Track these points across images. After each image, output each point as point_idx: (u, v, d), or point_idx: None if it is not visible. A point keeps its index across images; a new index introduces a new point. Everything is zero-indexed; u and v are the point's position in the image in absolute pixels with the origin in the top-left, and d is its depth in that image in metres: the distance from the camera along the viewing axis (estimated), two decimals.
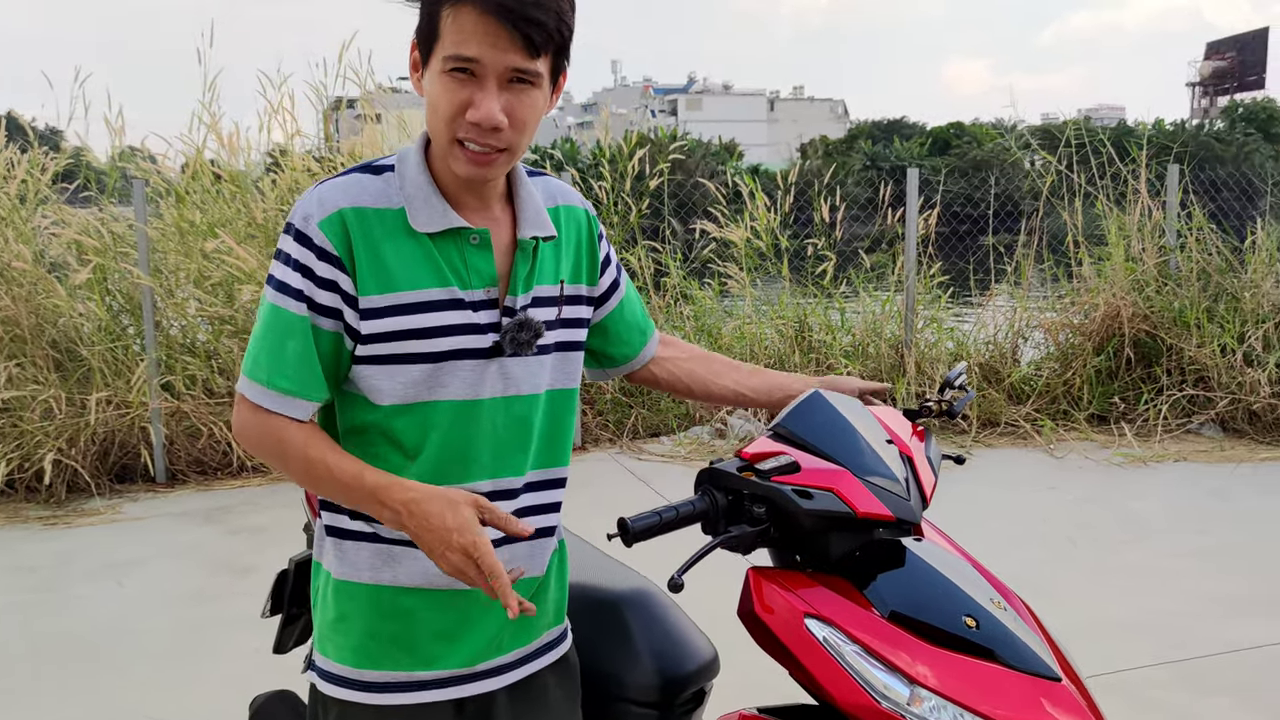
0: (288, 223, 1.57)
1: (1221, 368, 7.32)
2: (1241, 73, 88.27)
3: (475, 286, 1.59)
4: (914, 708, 1.51)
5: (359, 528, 1.65)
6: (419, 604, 1.64)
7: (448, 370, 1.58)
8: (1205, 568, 4.91)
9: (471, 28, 1.45)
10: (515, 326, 1.61)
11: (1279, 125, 73.36)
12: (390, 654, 1.64)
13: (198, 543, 5.57)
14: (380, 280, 1.55)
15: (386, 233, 1.56)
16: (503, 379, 1.62)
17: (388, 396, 1.58)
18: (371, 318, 1.55)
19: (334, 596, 1.67)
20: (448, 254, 1.58)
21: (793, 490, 1.61)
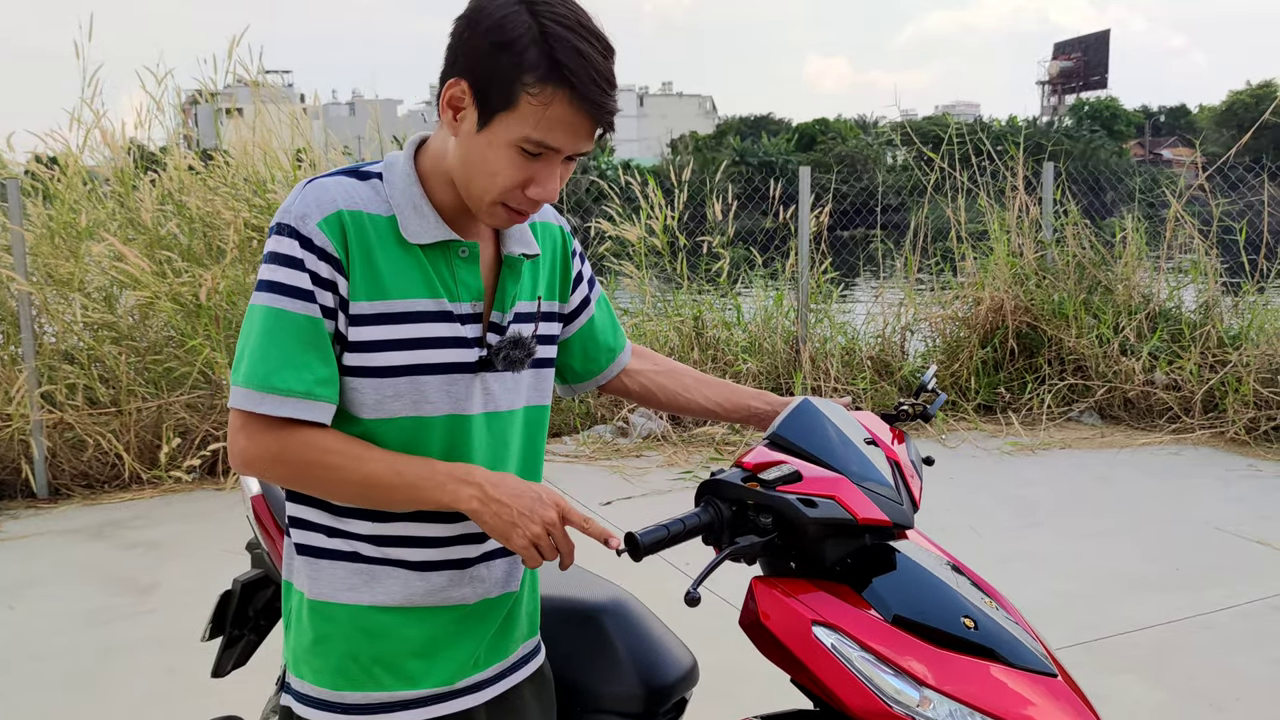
0: (279, 223, 1.52)
1: (1098, 357, 7.66)
2: (1086, 72, 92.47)
3: (463, 299, 1.59)
4: (924, 710, 1.54)
5: (335, 546, 1.61)
6: (399, 623, 1.61)
7: (432, 384, 1.56)
8: (1101, 549, 5.14)
9: (559, 117, 1.44)
10: (510, 344, 1.62)
11: (1121, 123, 77.13)
12: (371, 674, 1.60)
13: (90, 560, 5.33)
14: (372, 287, 1.52)
15: (379, 239, 1.54)
16: (484, 395, 1.62)
17: (370, 409, 1.55)
18: (360, 324, 1.52)
19: (310, 618, 1.62)
20: (437, 265, 1.57)
21: (798, 499, 1.63)
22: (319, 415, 1.51)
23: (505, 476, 1.52)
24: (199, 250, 6.97)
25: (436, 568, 1.62)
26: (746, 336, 8.15)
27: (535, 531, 1.48)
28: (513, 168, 1.47)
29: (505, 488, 1.50)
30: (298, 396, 1.49)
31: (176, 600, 4.81)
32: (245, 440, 1.52)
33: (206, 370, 6.66)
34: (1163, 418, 7.40)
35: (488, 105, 1.46)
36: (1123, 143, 66.40)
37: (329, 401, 1.52)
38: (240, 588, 2.58)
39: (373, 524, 1.60)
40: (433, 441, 1.58)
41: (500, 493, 1.49)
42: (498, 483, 1.50)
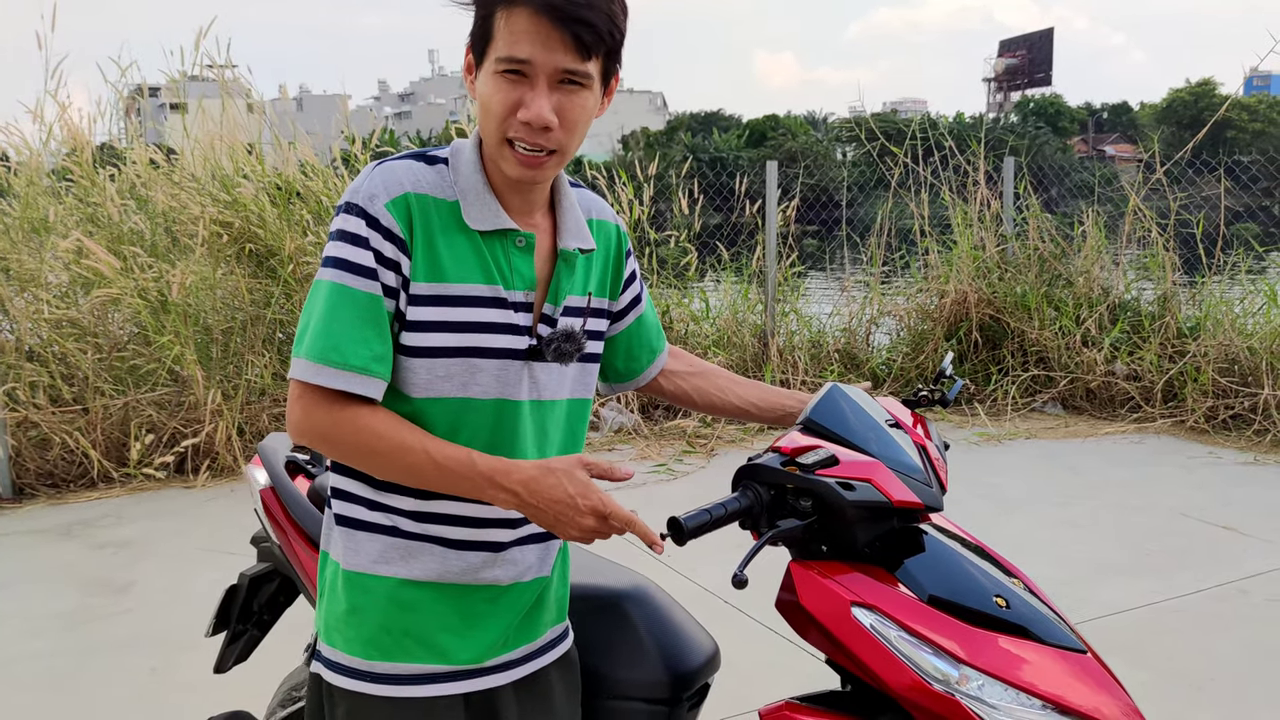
0: (348, 202, 1.55)
1: (1061, 349, 7.79)
2: (1031, 70, 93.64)
3: (516, 288, 1.61)
4: (963, 687, 1.58)
5: (375, 519, 1.64)
6: (432, 598, 1.64)
7: (481, 367, 1.59)
8: (1072, 536, 5.24)
9: (524, 28, 1.47)
10: (562, 336, 1.66)
11: (1065, 120, 78.34)
12: (403, 646, 1.63)
13: (61, 561, 5.25)
14: (432, 269, 1.56)
15: (442, 223, 1.57)
16: (530, 383, 1.64)
17: (421, 389, 1.58)
18: (418, 304, 1.56)
19: (345, 588, 1.65)
20: (494, 253, 1.60)
21: (837, 482, 1.65)
22: (372, 390, 1.53)
23: (541, 474, 1.51)
24: (164, 246, 6.89)
25: (473, 547, 1.65)
26: (715, 330, 8.20)
27: (585, 526, 1.51)
28: (499, 93, 1.51)
29: (543, 493, 1.50)
30: (354, 371, 1.52)
31: (153, 599, 4.75)
32: (300, 412, 1.55)
33: (174, 367, 6.57)
34: (1124, 407, 7.55)
35: (481, 51, 1.53)
36: (1067, 139, 67.46)
37: (382, 378, 1.54)
38: (248, 581, 2.56)
39: (414, 500, 1.63)
40: (480, 424, 1.61)
41: (536, 499, 1.50)
42: (535, 488, 1.50)
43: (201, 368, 6.50)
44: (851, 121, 19.64)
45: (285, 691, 2.64)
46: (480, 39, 1.53)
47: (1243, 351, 7.28)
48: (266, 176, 7.23)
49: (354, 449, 1.54)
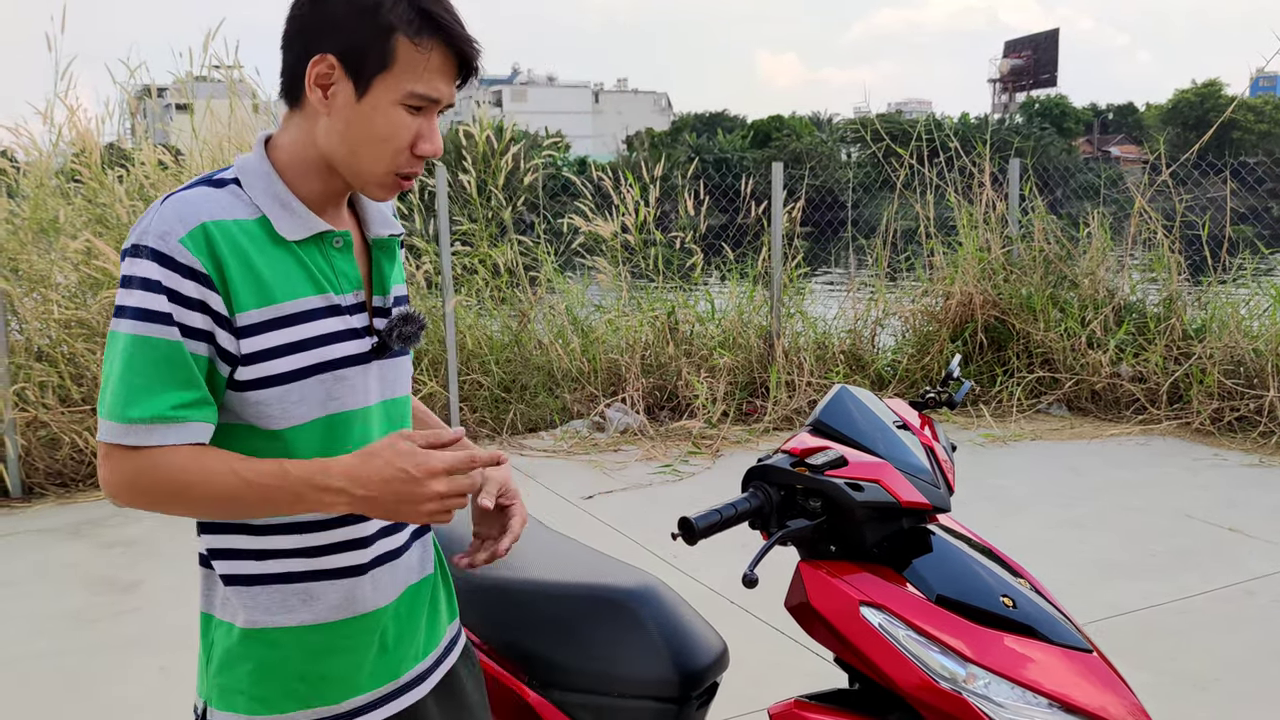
0: (135, 245, 1.43)
1: (1066, 350, 7.80)
2: (1036, 71, 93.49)
3: (345, 290, 1.55)
4: (970, 685, 1.60)
5: (267, 569, 1.54)
6: (344, 633, 1.57)
7: (336, 380, 1.52)
8: (1077, 537, 5.25)
9: (438, 66, 1.46)
10: (400, 320, 1.58)
11: (1070, 120, 78.26)
12: (319, 691, 1.56)
13: (70, 560, 5.28)
14: (257, 294, 1.46)
15: (254, 243, 1.47)
16: (381, 382, 1.59)
17: (280, 420, 1.49)
18: (251, 334, 1.46)
19: (248, 647, 1.55)
20: (315, 260, 1.52)
21: (846, 483, 1.68)
22: (178, 438, 1.43)
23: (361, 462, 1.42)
24: None
25: (369, 567, 1.58)
26: (721, 331, 8.21)
27: (426, 510, 1.41)
28: (403, 127, 1.47)
29: (371, 477, 1.40)
30: (152, 423, 1.41)
31: (160, 598, 4.78)
32: (107, 472, 1.45)
33: None
34: (1129, 409, 7.55)
35: (363, 71, 1.44)
36: (1072, 140, 67.36)
37: (196, 421, 1.44)
38: None
39: (301, 536, 1.54)
40: (349, 438, 1.54)
41: (367, 488, 1.40)
42: (360, 476, 1.41)
43: None
44: (856, 122, 19.72)
45: None
46: (375, 62, 1.44)
47: (1248, 353, 7.28)
48: None
49: (165, 494, 1.44)
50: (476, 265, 8.09)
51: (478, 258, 8.10)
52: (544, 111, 78.29)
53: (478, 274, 8.08)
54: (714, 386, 7.58)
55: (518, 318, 8.12)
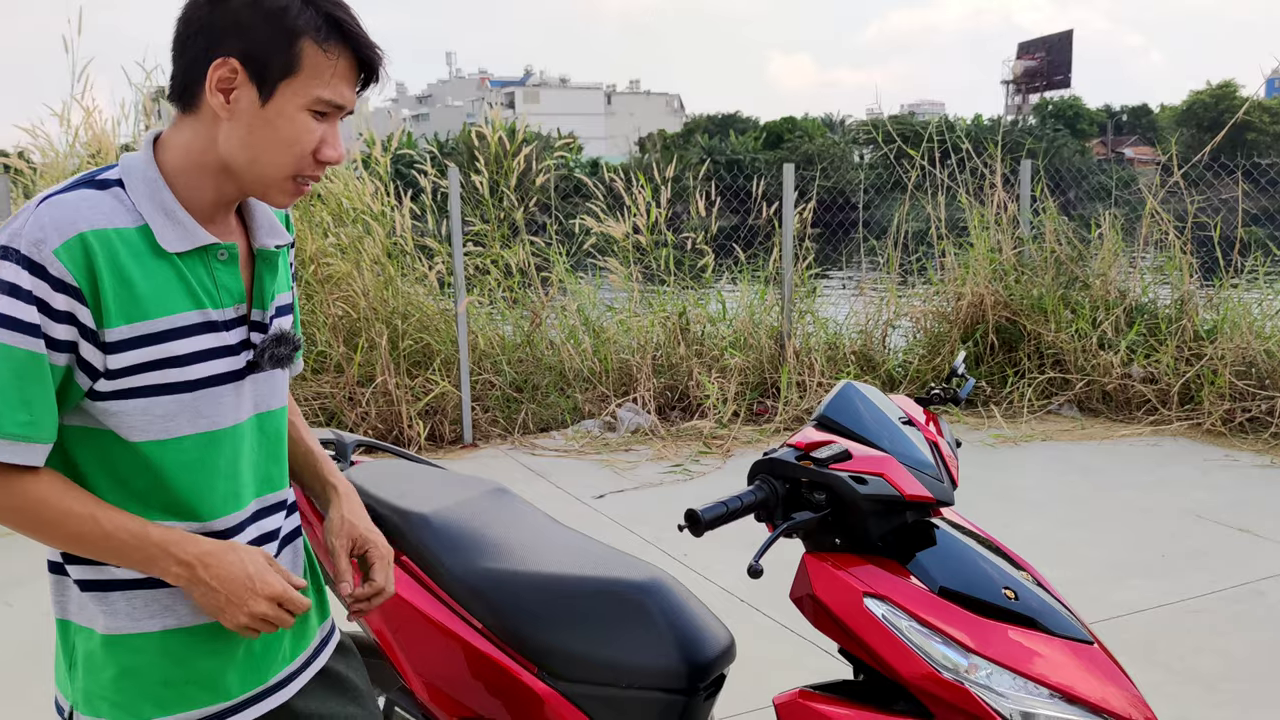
0: (7, 248, 1.38)
1: (1077, 351, 7.80)
2: (1049, 72, 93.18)
3: (226, 305, 1.53)
4: (970, 675, 1.62)
5: (126, 575, 1.52)
6: (206, 638, 1.56)
7: (205, 398, 1.50)
8: (1087, 538, 5.25)
9: (344, 73, 1.47)
10: (273, 341, 1.57)
11: (1084, 122, 78.05)
12: (185, 695, 1.56)
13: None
14: (130, 310, 1.42)
15: (132, 255, 1.43)
16: (255, 397, 1.58)
17: (140, 432, 1.47)
18: (120, 350, 1.43)
19: (109, 654, 1.53)
20: (197, 273, 1.49)
21: (850, 476, 1.70)
22: (29, 458, 1.41)
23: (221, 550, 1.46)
24: None
25: None
26: (732, 332, 8.23)
27: (241, 622, 1.46)
28: (308, 132, 1.46)
29: (218, 569, 1.45)
30: (13, 439, 1.39)
31: None
32: None
33: None
34: (1140, 410, 7.54)
35: (268, 76, 1.43)
36: (1085, 141, 67.19)
37: (40, 442, 1.42)
38: None
39: None
40: (218, 455, 1.53)
41: (210, 574, 1.45)
42: (211, 563, 1.45)
43: None
44: (869, 124, 19.74)
45: None
46: (280, 68, 1.43)
47: (1260, 354, 7.27)
48: None
49: (27, 523, 1.44)
50: (489, 266, 8.13)
51: (490, 258, 8.14)
52: (556, 113, 78.43)
53: (490, 274, 8.11)
54: (725, 387, 7.60)
55: (530, 318, 8.15)
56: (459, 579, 2.16)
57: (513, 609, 2.10)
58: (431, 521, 2.24)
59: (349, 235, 7.39)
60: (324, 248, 7.11)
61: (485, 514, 2.33)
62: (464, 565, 2.17)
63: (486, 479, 2.57)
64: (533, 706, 2.04)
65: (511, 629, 2.09)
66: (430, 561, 2.20)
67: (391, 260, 7.57)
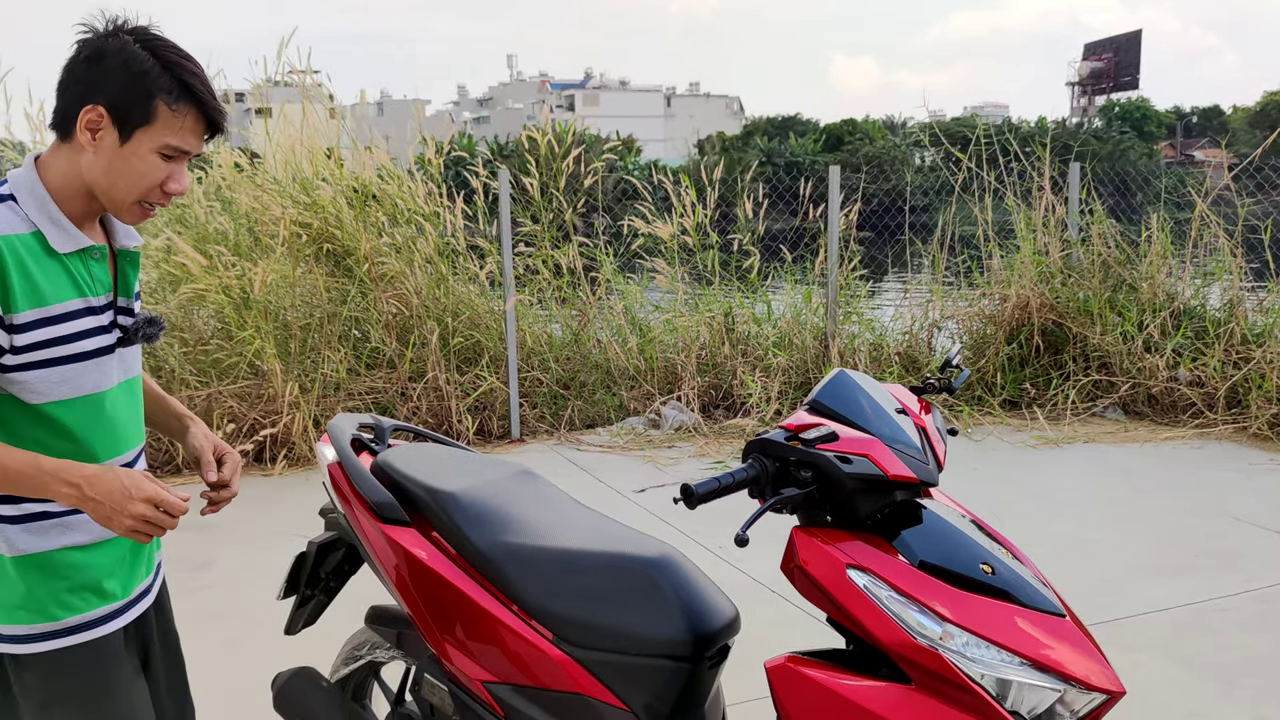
0: None
1: (1123, 354, 7.79)
2: (1117, 73, 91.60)
3: (99, 293, 1.92)
4: (945, 642, 1.74)
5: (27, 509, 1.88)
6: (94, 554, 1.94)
7: (88, 367, 1.89)
8: (1121, 537, 5.29)
9: (191, 126, 1.84)
10: (145, 322, 1.98)
11: (1152, 124, 76.60)
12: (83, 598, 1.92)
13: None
14: (32, 298, 1.80)
15: (31, 256, 1.81)
16: (122, 366, 1.98)
17: (40, 395, 1.85)
18: (23, 331, 1.80)
19: (18, 571, 1.88)
20: (78, 269, 1.88)
21: (835, 456, 1.82)
22: None
23: (103, 474, 1.79)
24: (246, 245, 7.24)
25: None
26: (776, 332, 8.33)
27: (127, 525, 1.78)
28: (154, 170, 1.83)
29: (100, 485, 1.77)
30: None
31: (230, 577, 5.05)
32: None
33: (255, 361, 6.91)
34: (1186, 413, 7.52)
35: (128, 123, 1.79)
36: (1153, 144, 65.95)
37: None
38: (315, 549, 2.79)
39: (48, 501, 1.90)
40: (100, 413, 1.91)
41: (95, 490, 1.77)
42: (95, 481, 1.78)
43: (280, 362, 6.83)
44: (926, 126, 19.63)
45: (348, 651, 2.87)
46: (139, 117, 1.79)
47: None
48: (344, 180, 7.56)
49: None
50: (538, 266, 8.31)
51: (540, 258, 8.32)
52: (616, 115, 78.73)
53: (540, 274, 8.30)
54: (768, 385, 7.71)
55: (577, 317, 8.32)
56: (483, 553, 2.31)
57: (532, 581, 2.25)
58: (459, 499, 2.40)
59: (403, 235, 7.61)
60: (378, 247, 7.34)
61: (510, 493, 2.48)
62: (488, 540, 2.32)
63: (514, 462, 2.73)
64: (550, 671, 2.19)
65: (531, 599, 2.23)
66: (457, 536, 2.36)
67: (443, 259, 7.78)
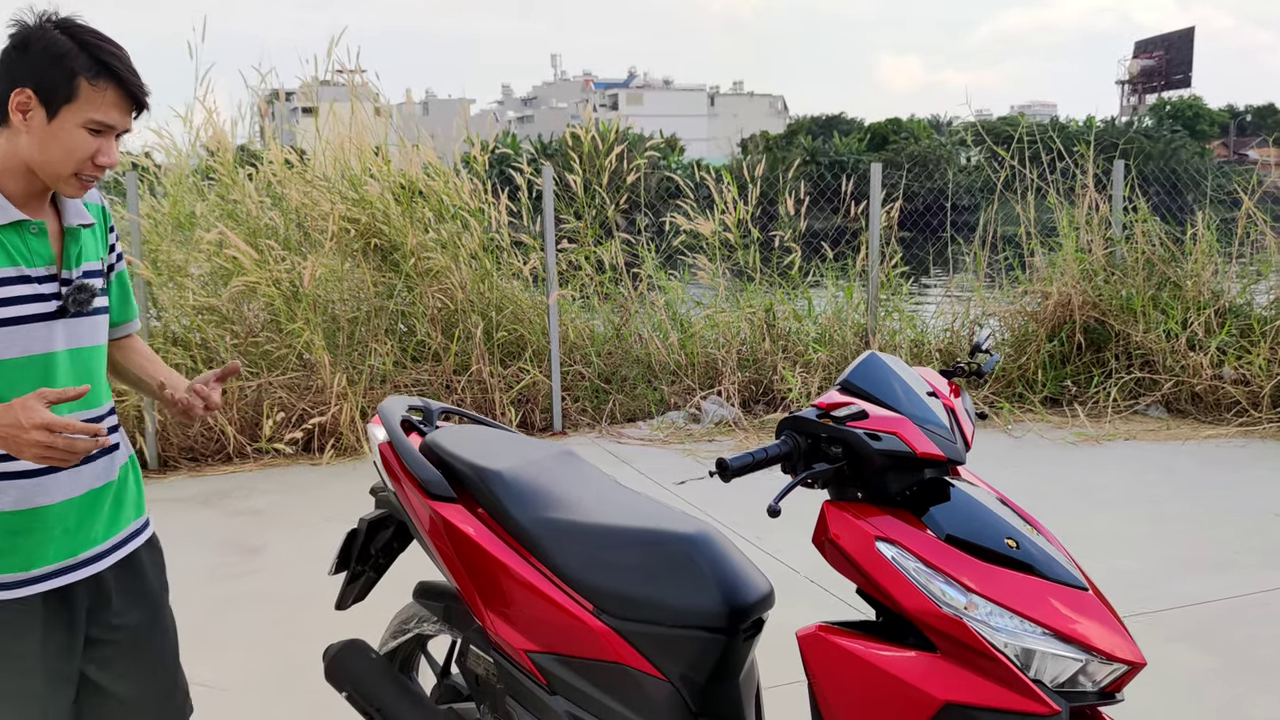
0: None
1: (1166, 352, 7.76)
2: (1168, 71, 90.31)
3: (38, 265, 2.05)
4: (970, 612, 1.81)
5: None
6: (27, 519, 2.04)
7: (20, 332, 2.02)
8: (1160, 532, 5.30)
9: (112, 101, 2.00)
10: (75, 290, 2.10)
11: (1204, 122, 75.43)
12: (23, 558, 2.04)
13: (200, 525, 5.74)
14: None
15: None
16: (68, 334, 2.09)
17: None
18: None
19: None
20: (13, 241, 2.03)
21: (865, 433, 1.90)
22: None
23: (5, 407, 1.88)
24: (296, 240, 7.41)
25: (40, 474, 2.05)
26: (817, 328, 8.38)
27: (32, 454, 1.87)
28: (84, 144, 1.98)
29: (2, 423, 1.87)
30: None
31: (281, 562, 5.19)
32: None
33: (304, 353, 7.07)
34: (1230, 412, 7.48)
35: (53, 102, 1.95)
36: (1206, 142, 64.95)
37: None
38: (366, 526, 2.90)
39: None
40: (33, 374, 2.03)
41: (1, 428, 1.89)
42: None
43: (328, 353, 6.98)
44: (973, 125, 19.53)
45: (396, 624, 2.98)
46: (63, 96, 1.96)
47: None
48: (392, 176, 7.71)
49: None
50: (581, 261, 8.42)
51: (582, 254, 8.43)
52: (660, 115, 78.78)
53: (582, 270, 8.40)
54: (808, 381, 7.76)
55: (619, 312, 8.42)
56: (527, 528, 2.40)
57: (574, 555, 2.34)
58: (504, 477, 2.49)
59: (448, 231, 7.75)
60: (424, 242, 7.47)
61: (552, 472, 2.58)
62: (532, 516, 2.41)
63: (556, 444, 2.82)
64: (590, 641, 2.28)
65: (572, 573, 2.32)
66: (502, 512, 2.45)
67: (488, 255, 7.91)
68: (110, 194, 7.89)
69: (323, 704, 3.69)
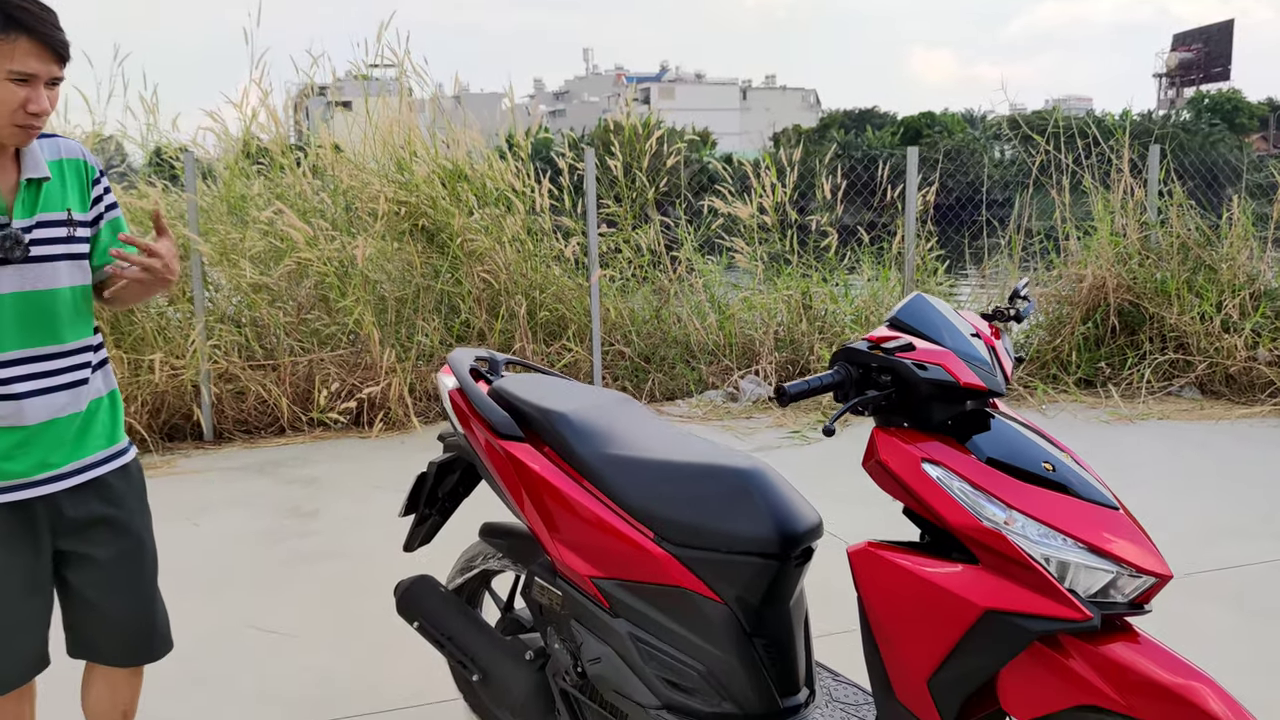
0: None
1: (1200, 334, 7.84)
2: (1207, 64, 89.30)
3: None
4: (1010, 526, 1.96)
5: None
6: None
7: None
8: (1192, 504, 5.41)
9: (29, 49, 2.14)
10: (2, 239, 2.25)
11: (1243, 116, 74.56)
12: None
13: (258, 492, 5.96)
14: None
15: None
16: (19, 277, 2.26)
17: None
18: None
19: None
20: None
21: (912, 363, 2.06)
22: None
23: None
24: (345, 220, 7.62)
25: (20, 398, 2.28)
26: (853, 310, 8.52)
27: None
28: (12, 95, 2.14)
29: None
30: None
31: (337, 523, 5.40)
32: None
33: (354, 330, 7.29)
34: (1264, 393, 7.56)
35: None
36: (1244, 136, 64.25)
37: None
38: (435, 469, 3.08)
39: None
40: None
41: None
42: None
43: (378, 330, 7.20)
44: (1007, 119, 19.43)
45: (463, 561, 3.16)
46: None
47: None
48: (439, 158, 7.92)
49: None
50: (621, 245, 8.59)
51: (623, 238, 8.60)
52: (691, 109, 78.83)
53: (622, 252, 8.57)
54: None
55: (659, 294, 8.58)
56: (591, 463, 2.57)
57: (635, 488, 2.50)
58: (569, 417, 2.66)
59: (491, 214, 7.94)
60: (469, 224, 7.67)
61: (612, 413, 2.75)
62: (595, 452, 2.58)
63: (613, 390, 2.99)
64: (651, 566, 2.44)
65: (634, 503, 2.49)
66: (568, 449, 2.62)
67: (530, 237, 8.09)
68: (162, 177, 8.14)
69: (385, 647, 3.90)
